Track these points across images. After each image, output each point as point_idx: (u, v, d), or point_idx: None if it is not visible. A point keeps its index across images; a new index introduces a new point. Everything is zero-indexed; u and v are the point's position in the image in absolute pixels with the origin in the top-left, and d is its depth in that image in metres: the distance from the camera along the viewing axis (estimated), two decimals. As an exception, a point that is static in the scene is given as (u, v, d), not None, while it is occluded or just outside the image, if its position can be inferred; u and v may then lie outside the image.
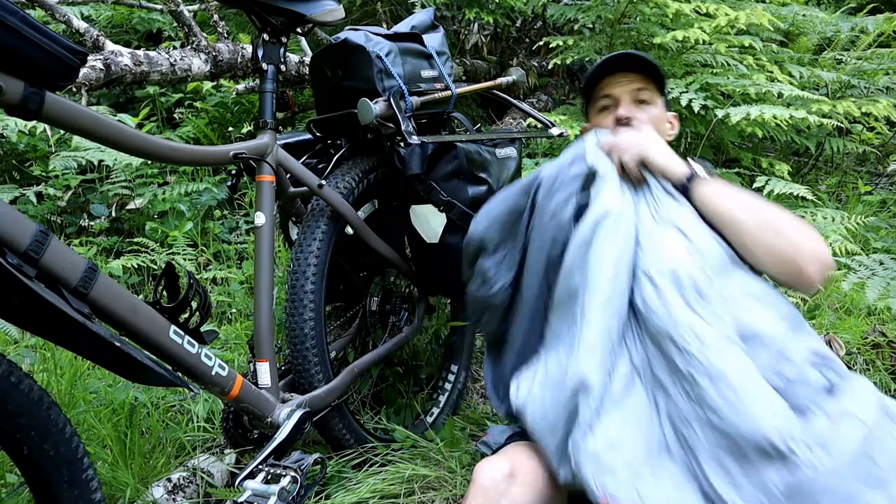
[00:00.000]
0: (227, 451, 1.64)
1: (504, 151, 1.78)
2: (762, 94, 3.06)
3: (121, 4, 3.40)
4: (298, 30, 1.75)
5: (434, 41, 1.79)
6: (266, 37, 1.47)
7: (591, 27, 3.48)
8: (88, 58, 2.13)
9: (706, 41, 2.96)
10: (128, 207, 2.89)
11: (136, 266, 2.40)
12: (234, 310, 2.29)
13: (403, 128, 1.52)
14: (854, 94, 3.59)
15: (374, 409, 1.89)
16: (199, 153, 1.34)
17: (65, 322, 0.87)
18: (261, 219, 1.41)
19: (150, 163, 2.91)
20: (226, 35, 2.78)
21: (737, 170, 3.14)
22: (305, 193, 1.58)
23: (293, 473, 1.24)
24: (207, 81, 3.02)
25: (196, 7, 3.30)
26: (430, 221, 1.68)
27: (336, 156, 1.67)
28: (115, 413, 1.66)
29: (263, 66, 1.47)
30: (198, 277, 2.00)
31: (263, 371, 1.39)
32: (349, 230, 1.64)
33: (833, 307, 2.35)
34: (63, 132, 2.93)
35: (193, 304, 1.19)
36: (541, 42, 3.58)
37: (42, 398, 0.88)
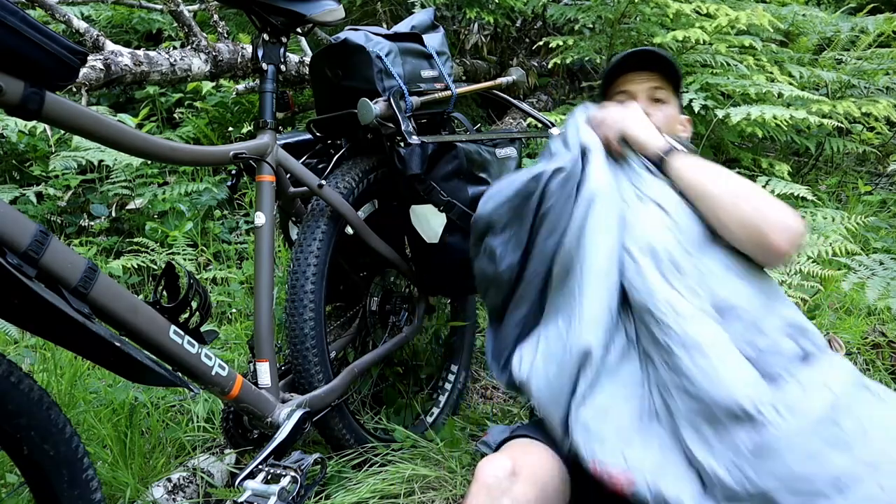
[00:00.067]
0: (227, 451, 1.64)
1: (504, 151, 1.78)
2: (762, 95, 3.05)
3: (121, 4, 3.40)
4: (298, 30, 1.75)
5: (434, 41, 1.79)
6: (266, 37, 1.47)
7: (591, 27, 3.48)
8: (88, 58, 2.13)
9: (706, 41, 2.96)
10: (128, 207, 2.89)
11: (136, 266, 2.40)
12: (234, 310, 2.29)
13: (403, 128, 1.52)
14: (854, 94, 3.59)
15: (374, 409, 1.89)
16: (199, 153, 1.34)
17: (65, 322, 0.87)
18: (261, 219, 1.41)
19: (150, 163, 2.91)
20: (226, 35, 2.78)
21: (737, 170, 3.13)
22: (305, 193, 1.58)
23: (293, 473, 1.24)
24: (207, 81, 3.02)
25: (196, 7, 3.29)
26: (430, 221, 1.68)
27: (336, 156, 1.67)
28: (115, 413, 1.66)
29: (263, 66, 1.47)
30: (198, 277, 2.00)
31: (263, 371, 1.39)
32: (349, 230, 1.64)
33: (833, 307, 2.35)
34: (63, 132, 2.93)
35: (193, 304, 1.19)
36: (541, 42, 3.58)
37: (42, 398, 0.88)
